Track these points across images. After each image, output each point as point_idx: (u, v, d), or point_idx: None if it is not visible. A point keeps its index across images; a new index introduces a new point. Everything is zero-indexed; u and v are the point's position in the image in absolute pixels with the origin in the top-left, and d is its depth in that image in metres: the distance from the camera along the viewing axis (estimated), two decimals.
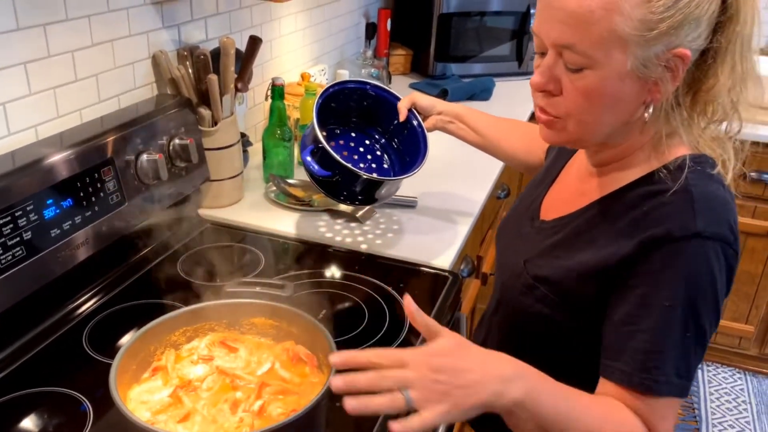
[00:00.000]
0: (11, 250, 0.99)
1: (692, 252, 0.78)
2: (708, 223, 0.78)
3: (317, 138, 1.20)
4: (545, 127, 0.88)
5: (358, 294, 1.23)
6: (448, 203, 1.56)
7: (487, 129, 1.34)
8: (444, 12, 2.53)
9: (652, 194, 0.83)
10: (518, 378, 0.74)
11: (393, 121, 1.37)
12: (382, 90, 1.37)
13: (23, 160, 1.05)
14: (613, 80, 0.78)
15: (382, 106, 1.38)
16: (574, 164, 1.04)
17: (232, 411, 0.82)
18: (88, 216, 1.13)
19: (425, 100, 1.35)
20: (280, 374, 0.89)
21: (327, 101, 1.30)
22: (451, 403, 0.70)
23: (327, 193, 1.27)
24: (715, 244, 0.78)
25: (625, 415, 0.79)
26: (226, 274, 1.26)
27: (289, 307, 0.95)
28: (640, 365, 0.79)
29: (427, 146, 1.33)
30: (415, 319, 0.75)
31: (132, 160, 1.22)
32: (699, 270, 0.78)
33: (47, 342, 1.07)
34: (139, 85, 1.39)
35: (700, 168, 0.83)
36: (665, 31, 0.74)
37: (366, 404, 0.69)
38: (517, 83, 2.62)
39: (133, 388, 0.86)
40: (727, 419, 2.47)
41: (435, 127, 1.35)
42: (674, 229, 0.78)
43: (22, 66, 1.11)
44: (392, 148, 1.43)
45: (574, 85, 0.80)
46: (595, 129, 0.84)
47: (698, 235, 0.77)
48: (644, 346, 0.79)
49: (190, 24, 1.51)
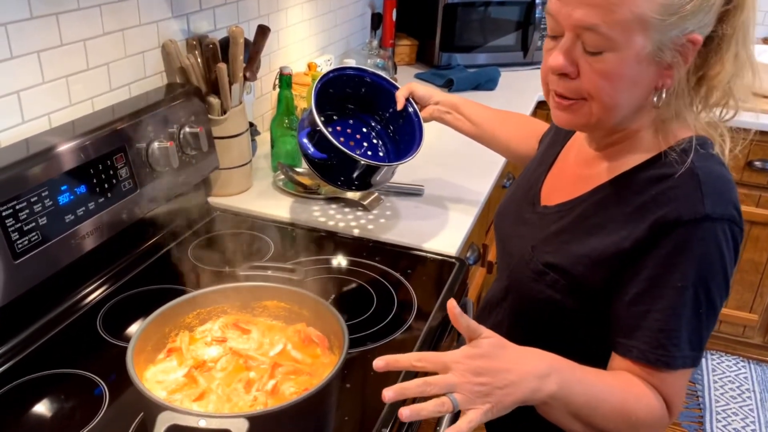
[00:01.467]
0: (27, 235, 1.01)
1: (702, 234, 0.80)
2: (715, 205, 0.80)
3: (314, 121, 1.22)
4: (563, 111, 0.88)
5: (366, 279, 1.25)
6: (454, 192, 1.58)
7: (482, 119, 1.36)
8: (449, 2, 2.53)
9: (658, 178, 0.85)
10: (553, 372, 0.78)
11: (389, 110, 1.39)
12: (380, 78, 1.39)
13: (37, 147, 1.07)
14: (631, 63, 0.79)
15: (379, 93, 1.40)
16: (571, 149, 1.05)
17: (245, 390, 0.84)
18: (102, 202, 1.15)
19: (422, 90, 1.37)
20: (292, 355, 0.91)
21: (325, 87, 1.32)
22: (493, 403, 0.75)
23: (322, 177, 1.29)
24: (723, 224, 0.81)
25: (641, 389, 0.83)
26: (236, 261, 1.27)
27: (301, 290, 0.96)
28: (655, 343, 0.82)
29: (423, 135, 1.35)
30: (458, 321, 0.79)
31: (143, 148, 1.24)
32: (709, 251, 0.80)
33: (62, 326, 1.09)
34: (149, 74, 1.40)
35: (703, 150, 0.85)
36: (684, 15, 0.76)
37: (418, 412, 0.73)
38: (522, 73, 2.63)
39: (149, 368, 0.88)
40: (730, 407, 2.49)
41: (431, 116, 1.37)
42: (684, 212, 0.80)
43: (36, 54, 1.13)
44: (388, 136, 1.45)
45: (593, 67, 0.81)
46: (613, 111, 0.85)
47: (708, 217, 0.80)
48: (658, 325, 0.82)
49: (199, 14, 1.52)
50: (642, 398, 0.82)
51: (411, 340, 1.09)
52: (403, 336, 1.10)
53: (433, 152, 1.36)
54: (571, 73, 0.83)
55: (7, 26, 1.07)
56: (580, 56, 0.82)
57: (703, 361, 2.71)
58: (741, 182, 2.42)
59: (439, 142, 1.71)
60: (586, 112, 0.86)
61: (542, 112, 2.46)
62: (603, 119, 0.86)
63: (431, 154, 1.36)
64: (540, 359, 0.79)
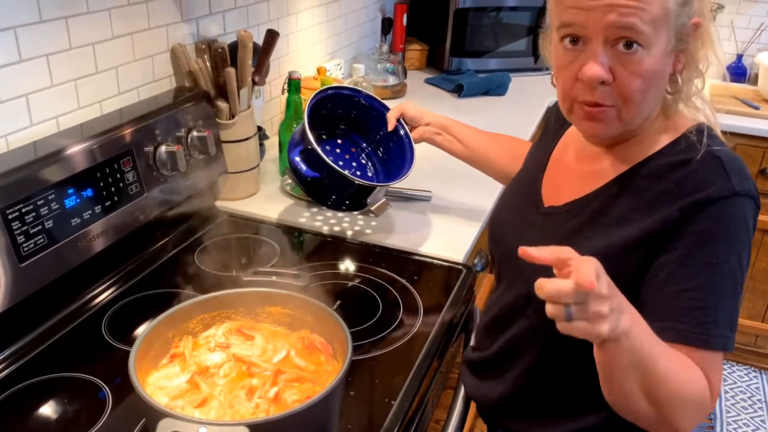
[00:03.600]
0: (33, 238, 1.01)
1: (733, 210, 0.82)
2: (740, 182, 0.83)
3: (307, 139, 1.22)
4: (594, 121, 0.87)
5: (371, 285, 1.24)
6: (462, 198, 1.57)
7: (473, 141, 1.36)
8: (460, 7, 2.53)
9: (678, 164, 0.86)
10: (627, 310, 0.74)
11: (380, 131, 1.40)
12: (373, 100, 1.40)
13: (45, 150, 1.07)
14: (661, 58, 0.82)
15: (370, 115, 1.40)
16: (567, 148, 1.05)
17: (248, 397, 0.84)
18: (108, 206, 1.15)
19: (413, 110, 1.37)
20: (295, 362, 0.91)
21: (318, 105, 1.32)
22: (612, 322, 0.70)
23: (313, 196, 1.30)
24: (749, 200, 0.83)
25: (692, 363, 0.80)
26: (242, 265, 1.27)
27: (305, 297, 0.96)
28: (693, 322, 0.81)
29: (414, 155, 1.35)
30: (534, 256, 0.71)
31: (151, 152, 1.24)
32: (739, 227, 0.83)
33: (67, 329, 1.09)
34: (158, 77, 1.41)
35: (713, 133, 0.87)
36: (690, 1, 0.81)
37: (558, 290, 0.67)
38: (532, 79, 2.61)
39: (152, 373, 0.88)
40: (742, 418, 2.45)
41: (422, 138, 1.37)
42: (714, 191, 0.82)
43: (45, 58, 1.13)
44: (377, 157, 1.46)
45: (628, 69, 0.81)
46: (643, 110, 0.86)
47: (737, 194, 0.82)
48: (695, 303, 0.81)
49: (208, 18, 1.52)
50: (693, 370, 0.80)
51: (416, 347, 1.08)
52: (408, 343, 1.09)
53: (441, 158, 1.35)
54: (608, 80, 0.82)
55: (17, 29, 1.07)
56: (612, 59, 0.81)
57: None
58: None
59: None
60: (615, 117, 0.86)
61: None
62: (634, 121, 0.86)
63: (439, 160, 1.35)
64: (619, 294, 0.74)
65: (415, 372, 1.02)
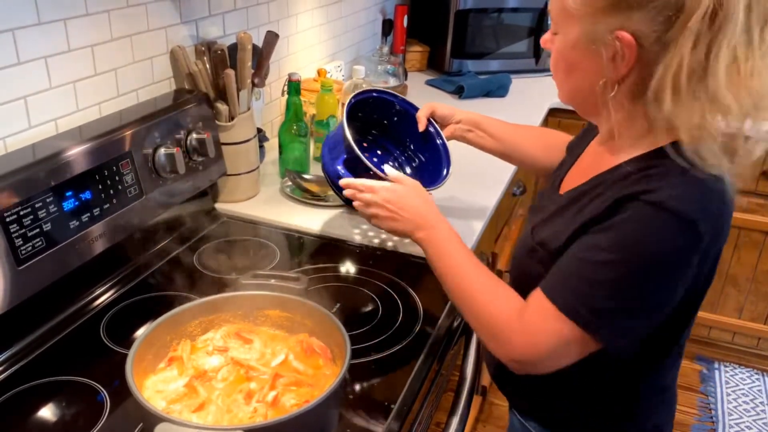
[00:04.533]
0: (31, 241, 1.00)
1: (643, 219, 0.79)
2: (680, 202, 0.78)
3: (351, 148, 1.18)
4: None
5: (371, 288, 1.24)
6: (463, 199, 1.56)
7: (505, 134, 1.35)
8: (461, 8, 2.52)
9: (642, 169, 0.84)
10: (428, 228, 1.05)
11: (412, 135, 1.38)
12: (407, 104, 1.38)
13: (43, 152, 1.07)
14: (568, 47, 0.88)
15: (404, 120, 1.38)
16: (592, 143, 1.06)
17: (246, 401, 0.83)
18: (106, 208, 1.14)
19: (444, 109, 1.36)
20: (293, 366, 0.90)
21: (355, 108, 1.30)
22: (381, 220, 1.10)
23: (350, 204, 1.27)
24: (674, 220, 0.78)
25: (510, 292, 0.93)
26: (241, 268, 1.27)
27: (304, 300, 0.96)
28: (551, 277, 0.87)
29: (449, 157, 1.34)
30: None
31: (150, 154, 1.23)
32: (646, 238, 0.79)
33: (65, 332, 1.09)
34: (157, 79, 1.40)
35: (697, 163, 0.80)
36: (602, 10, 0.80)
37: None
38: (533, 80, 2.61)
39: (149, 377, 0.87)
40: (744, 420, 2.44)
41: (453, 136, 1.36)
42: (644, 192, 0.79)
43: (43, 60, 1.13)
44: (410, 162, 1.44)
45: (553, 47, 0.92)
46: (561, 89, 0.94)
47: (660, 206, 0.78)
48: (561, 264, 0.87)
49: (208, 19, 1.52)
50: (507, 296, 0.92)
51: (416, 350, 1.08)
52: (407, 346, 1.09)
53: None
54: (549, 48, 0.94)
55: (15, 32, 1.07)
56: None
57: (716, 373, 2.67)
58: (755, 192, 2.39)
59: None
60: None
61: (553, 120, 2.44)
62: (560, 94, 0.95)
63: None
64: (426, 216, 1.07)
65: (414, 375, 1.02)
